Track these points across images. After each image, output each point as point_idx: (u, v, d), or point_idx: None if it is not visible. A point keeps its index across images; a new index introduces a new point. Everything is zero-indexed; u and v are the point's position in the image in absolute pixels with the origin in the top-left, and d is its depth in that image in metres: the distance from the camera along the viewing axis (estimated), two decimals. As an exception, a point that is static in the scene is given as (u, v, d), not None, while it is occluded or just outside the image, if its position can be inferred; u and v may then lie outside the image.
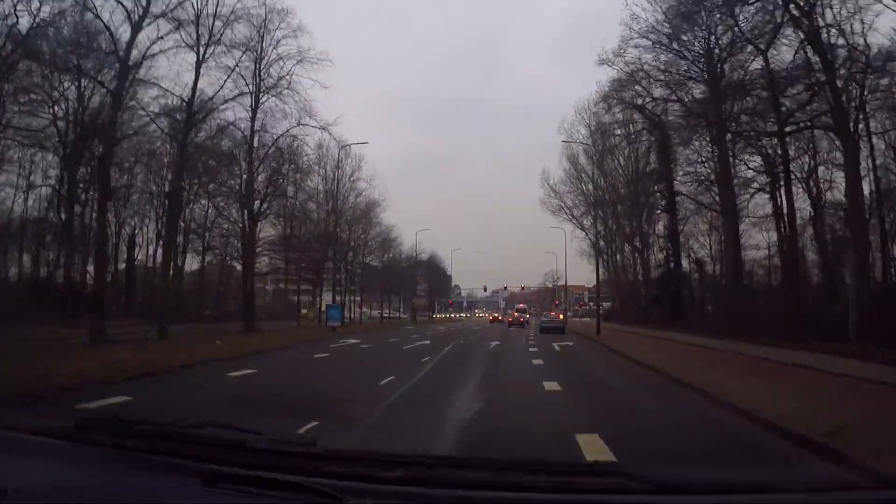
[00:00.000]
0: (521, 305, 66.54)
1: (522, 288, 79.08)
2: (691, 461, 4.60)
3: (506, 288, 77.31)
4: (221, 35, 28.42)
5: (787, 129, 24.16)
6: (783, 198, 25.63)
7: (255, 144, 37.68)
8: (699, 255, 39.89)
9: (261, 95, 35.13)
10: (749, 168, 28.60)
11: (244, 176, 37.99)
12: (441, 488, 1.42)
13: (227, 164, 37.98)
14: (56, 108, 34.58)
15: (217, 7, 27.75)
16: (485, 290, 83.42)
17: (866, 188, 22.63)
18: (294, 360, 16.52)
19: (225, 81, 30.60)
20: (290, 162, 42.40)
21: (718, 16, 25.07)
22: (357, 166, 54.53)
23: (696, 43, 27.15)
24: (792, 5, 21.71)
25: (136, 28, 22.59)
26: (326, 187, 53.16)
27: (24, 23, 23.53)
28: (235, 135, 36.26)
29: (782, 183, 25.50)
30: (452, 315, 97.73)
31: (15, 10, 23.17)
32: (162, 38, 23.90)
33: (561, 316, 54.91)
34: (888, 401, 8.44)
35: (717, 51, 26.74)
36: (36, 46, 24.68)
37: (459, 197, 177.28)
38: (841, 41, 20.79)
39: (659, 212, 40.77)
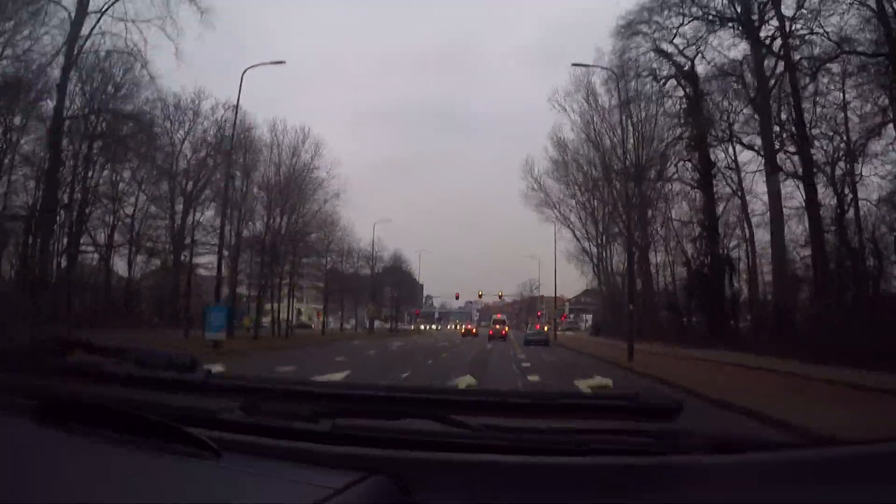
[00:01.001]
0: (500, 316, 58.46)
1: (500, 296, 71.56)
2: None
3: (480, 296, 69.60)
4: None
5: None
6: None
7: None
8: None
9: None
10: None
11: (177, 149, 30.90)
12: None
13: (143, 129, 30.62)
14: None
15: None
16: (456, 297, 77.02)
17: None
18: None
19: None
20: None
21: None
22: (315, 152, 47.63)
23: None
24: None
25: None
26: (279, 176, 46.15)
27: None
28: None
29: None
30: (422, 327, 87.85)
31: None
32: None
33: (546, 328, 50.73)
34: None
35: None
36: None
37: (432, 207, 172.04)
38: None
39: (668, 199, 33.87)
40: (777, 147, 23.18)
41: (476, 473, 1.13)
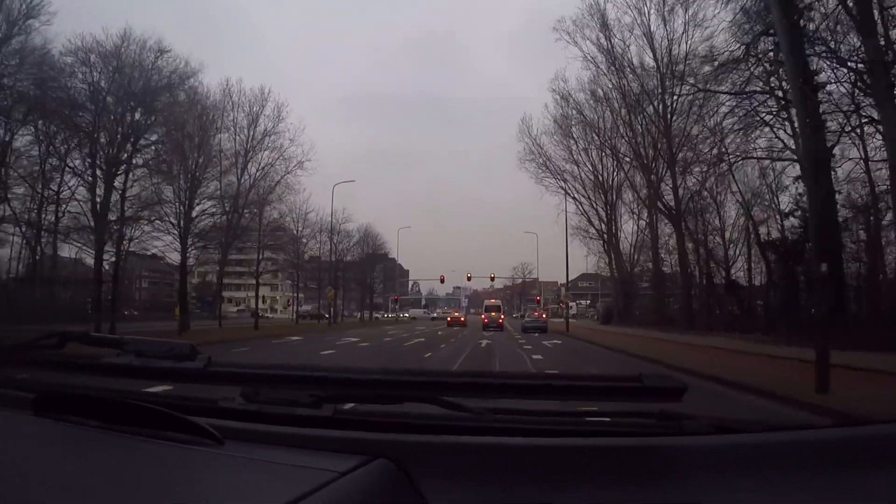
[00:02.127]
0: (494, 301, 49.35)
1: (492, 278, 61.42)
2: None
3: (469, 278, 60.34)
4: None
5: None
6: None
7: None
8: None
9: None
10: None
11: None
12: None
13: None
14: None
15: None
16: (441, 280, 67.76)
17: None
18: None
19: None
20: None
21: None
22: (277, 116, 41.20)
23: None
24: None
25: None
26: (236, 142, 39.76)
27: None
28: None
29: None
30: (401, 315, 78.58)
31: None
32: None
33: (544, 315, 46.77)
34: None
35: None
36: None
37: (419, 194, 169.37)
38: None
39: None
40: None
41: (478, 456, 1.13)
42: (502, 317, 42.69)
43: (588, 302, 77.03)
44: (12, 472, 1.03)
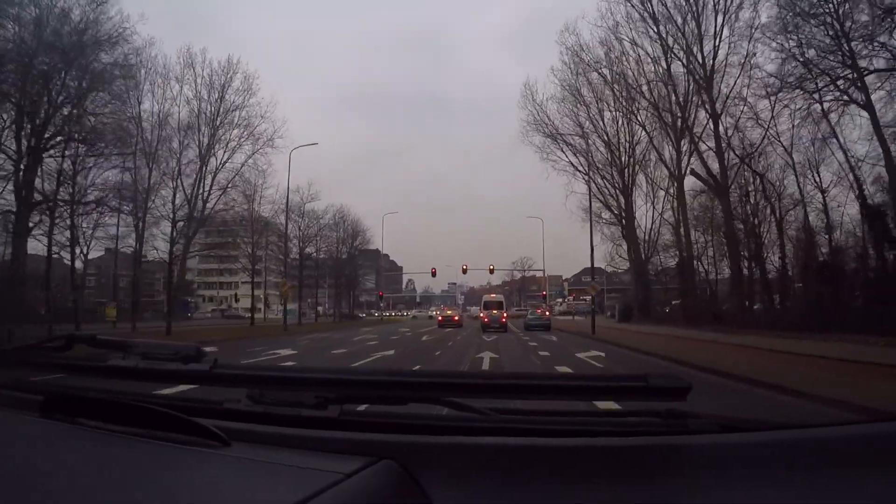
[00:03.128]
0: (495, 296, 40.36)
1: (491, 269, 55.00)
2: None
3: (465, 270, 52.49)
4: None
5: None
6: None
7: None
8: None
9: None
10: None
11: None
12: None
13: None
14: None
15: None
16: (433, 273, 56.53)
17: None
18: None
19: None
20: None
21: None
22: (248, 88, 36.31)
23: None
24: None
25: None
26: (197, 117, 34.88)
27: None
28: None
29: None
30: (392, 313, 70.39)
31: None
32: None
33: (547, 312, 43.36)
34: None
35: None
36: None
37: (415, 191, 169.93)
38: None
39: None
40: None
41: (483, 456, 1.12)
42: (505, 314, 34.94)
43: (590, 298, 71.75)
44: (20, 474, 1.03)
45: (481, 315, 35.68)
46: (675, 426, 1.19)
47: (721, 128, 28.91)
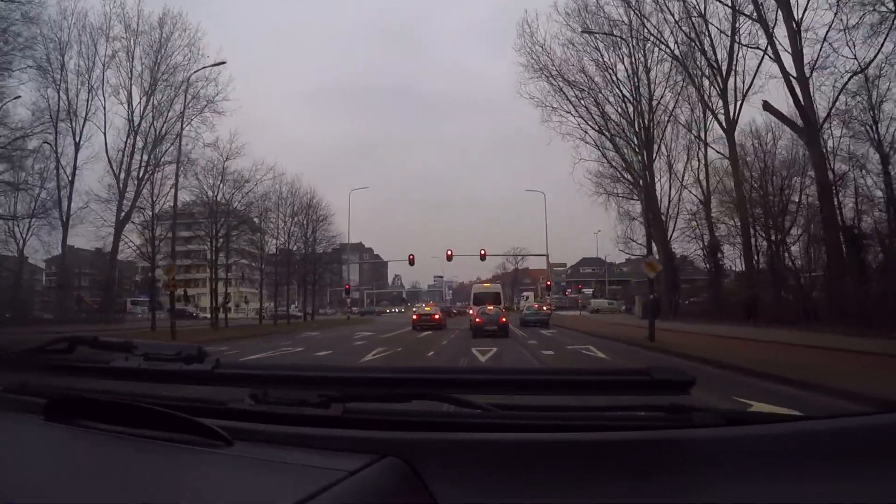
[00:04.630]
0: (488, 285, 34.82)
1: (482, 255, 42.72)
2: None
3: (450, 256, 41.40)
4: None
5: None
6: None
7: None
8: None
9: None
10: None
11: None
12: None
13: None
14: None
15: None
16: (410, 261, 44.56)
17: None
18: None
19: None
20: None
21: None
22: (192, 41, 30.46)
23: None
24: None
25: None
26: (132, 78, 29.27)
27: None
28: None
29: None
30: (353, 310, 58.05)
31: None
32: None
33: (546, 307, 38.63)
34: None
35: None
36: None
37: (401, 187, 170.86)
38: None
39: None
40: None
41: (487, 453, 1.12)
42: (504, 311, 25.82)
43: (592, 291, 64.70)
44: (24, 476, 1.03)
45: (471, 312, 27.82)
46: (680, 420, 1.18)
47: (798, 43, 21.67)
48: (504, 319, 23.20)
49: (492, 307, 24.76)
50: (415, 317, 31.16)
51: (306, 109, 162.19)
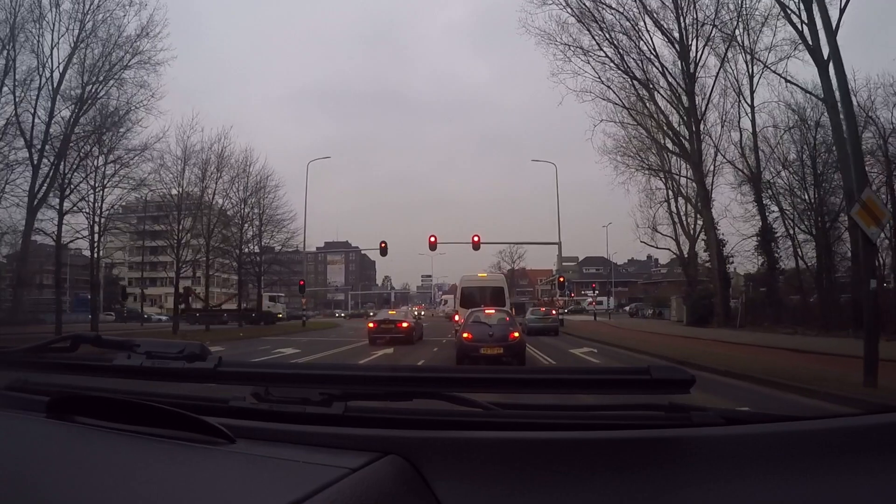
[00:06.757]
0: (485, 275, 25.69)
1: (475, 243, 35.94)
2: None
3: (434, 243, 35.31)
4: None
5: None
6: None
7: None
8: None
9: None
10: None
11: None
12: None
13: None
14: None
15: None
16: (382, 248, 37.69)
17: None
18: None
19: None
20: None
21: None
22: None
23: None
24: None
25: None
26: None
27: None
28: None
29: None
30: (342, 314, 50.66)
31: None
32: None
33: (554, 311, 32.66)
34: None
35: None
36: None
37: (384, 189, 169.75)
38: None
39: None
40: None
41: (487, 451, 1.13)
42: (513, 317, 15.46)
43: (595, 292, 58.57)
44: (27, 474, 1.03)
45: (455, 319, 19.99)
46: (679, 419, 1.18)
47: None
48: (517, 335, 13.25)
49: (493, 311, 14.59)
50: (371, 325, 22.36)
51: (306, 110, 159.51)
